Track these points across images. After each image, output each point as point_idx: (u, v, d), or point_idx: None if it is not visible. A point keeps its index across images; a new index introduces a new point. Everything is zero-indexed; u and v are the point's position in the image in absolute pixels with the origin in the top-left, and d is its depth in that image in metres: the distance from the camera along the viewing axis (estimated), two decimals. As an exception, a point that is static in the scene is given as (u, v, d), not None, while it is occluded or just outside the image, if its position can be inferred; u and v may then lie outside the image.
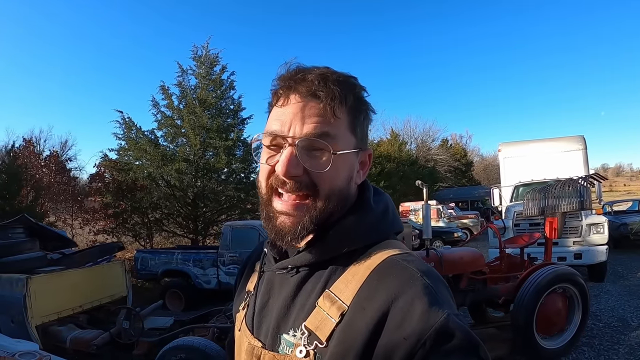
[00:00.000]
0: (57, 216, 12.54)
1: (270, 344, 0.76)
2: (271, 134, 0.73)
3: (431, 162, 38.77)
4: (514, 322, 4.55)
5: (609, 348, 4.90)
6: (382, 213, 0.80)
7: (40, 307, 4.35)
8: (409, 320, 0.61)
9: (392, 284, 0.66)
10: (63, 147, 30.75)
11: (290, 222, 0.72)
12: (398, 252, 0.72)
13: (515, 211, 8.14)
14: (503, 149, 11.54)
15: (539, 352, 4.57)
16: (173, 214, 12.84)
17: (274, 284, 0.82)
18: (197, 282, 7.96)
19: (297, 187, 0.71)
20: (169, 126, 12.95)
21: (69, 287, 4.78)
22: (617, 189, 57.98)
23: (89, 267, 5.31)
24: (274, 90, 0.77)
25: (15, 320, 4.22)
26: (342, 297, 0.69)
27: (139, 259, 8.44)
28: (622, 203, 16.44)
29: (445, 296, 0.65)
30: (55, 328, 4.60)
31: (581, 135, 10.53)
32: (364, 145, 0.80)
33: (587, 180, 6.11)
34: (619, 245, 11.96)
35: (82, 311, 4.99)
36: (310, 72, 0.73)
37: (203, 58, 13.15)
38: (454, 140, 49.64)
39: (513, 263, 5.57)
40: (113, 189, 11.66)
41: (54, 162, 13.15)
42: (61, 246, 5.94)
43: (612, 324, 5.69)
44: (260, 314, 0.82)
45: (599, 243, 7.70)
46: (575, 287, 4.81)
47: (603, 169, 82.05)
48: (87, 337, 4.44)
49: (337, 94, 0.71)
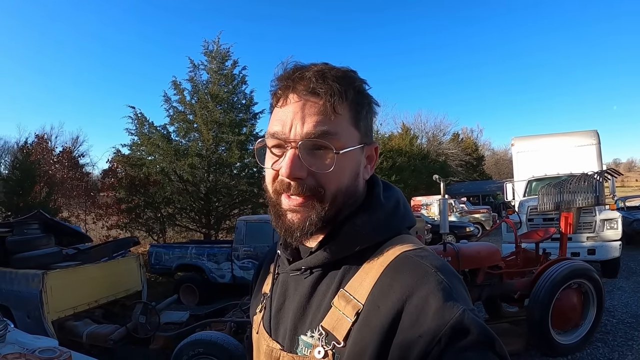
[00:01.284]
0: (70, 212, 12.68)
1: (288, 346, 0.76)
2: (273, 136, 0.72)
3: (442, 157, 38.58)
4: (530, 317, 4.54)
5: (622, 344, 4.87)
6: (393, 208, 0.79)
7: (57, 303, 4.39)
8: (424, 318, 0.60)
9: (406, 281, 0.65)
10: (74, 143, 30.95)
11: (298, 218, 0.72)
12: (411, 248, 0.72)
13: (529, 206, 8.09)
14: (516, 144, 11.45)
15: (554, 347, 4.56)
16: (186, 209, 12.92)
17: (289, 286, 0.82)
18: (212, 277, 8.02)
19: (302, 190, 0.70)
20: (181, 121, 13.00)
21: (84, 282, 4.83)
22: (629, 185, 57.12)
23: (104, 262, 5.35)
24: (273, 91, 0.76)
25: (31, 315, 4.27)
26: (357, 296, 0.69)
27: (153, 254, 8.53)
28: (635, 199, 16.19)
29: (460, 291, 0.65)
30: (71, 323, 4.65)
31: (594, 130, 10.41)
32: (369, 140, 0.78)
33: (602, 176, 6.04)
34: (632, 241, 11.83)
35: (98, 306, 5.03)
36: (308, 69, 0.72)
37: (214, 53, 13.15)
38: (465, 134, 49.23)
39: (528, 258, 5.54)
40: (126, 184, 11.77)
41: (67, 158, 13.27)
42: (76, 241, 6.00)
43: (626, 320, 5.65)
44: (277, 316, 0.82)
45: (613, 239, 7.64)
46: (590, 282, 4.78)
47: (615, 164, 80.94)
48: (104, 332, 4.49)
49: (337, 90, 0.69)
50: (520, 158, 11.24)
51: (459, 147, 40.93)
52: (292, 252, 0.82)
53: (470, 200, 26.85)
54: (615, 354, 4.62)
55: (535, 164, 10.52)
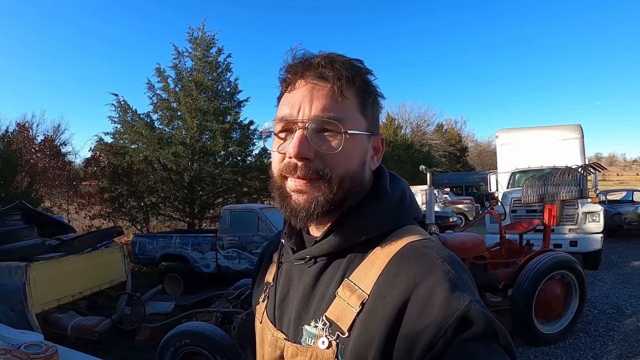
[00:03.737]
0: (52, 201, 12.44)
1: (292, 336, 0.76)
2: (281, 119, 0.72)
3: (426, 147, 38.85)
4: (514, 306, 4.62)
5: (604, 334, 4.99)
6: (399, 199, 0.79)
7: (40, 295, 4.30)
8: (430, 308, 0.60)
9: (413, 271, 0.65)
10: (56, 132, 30.16)
11: (304, 199, 0.71)
12: (418, 238, 0.72)
13: (513, 197, 8.19)
14: (500, 136, 11.55)
15: (537, 337, 4.67)
16: (169, 198, 12.79)
17: (293, 275, 0.82)
18: (196, 266, 7.98)
19: (308, 172, 0.69)
20: (165, 109, 12.80)
21: (68, 273, 4.74)
22: (610, 179, 58.44)
23: (88, 253, 5.26)
24: (282, 78, 0.76)
25: (15, 309, 4.17)
26: (362, 286, 0.68)
27: (137, 244, 8.44)
28: (616, 192, 16.61)
29: (466, 282, 0.64)
30: (55, 316, 4.57)
31: (578, 124, 10.55)
32: (375, 130, 0.79)
33: (586, 170, 6.14)
34: (613, 234, 12.17)
35: (82, 297, 4.95)
36: (317, 56, 0.73)
37: (199, 40, 12.95)
38: (449, 125, 49.67)
39: (513, 249, 5.63)
40: (109, 173, 11.57)
41: (49, 147, 12.97)
42: (59, 232, 5.87)
43: (607, 311, 5.79)
44: (281, 305, 0.82)
45: (595, 231, 7.79)
46: (573, 273, 4.88)
47: (597, 158, 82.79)
48: (89, 324, 4.42)
49: (345, 75, 0.70)
50: (504, 150, 11.35)
51: (443, 138, 41.27)
52: (297, 241, 0.82)
53: (454, 191, 27.12)
54: (596, 343, 4.73)
55: (519, 156, 10.64)
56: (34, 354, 2.16)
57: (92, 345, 4.57)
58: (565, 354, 4.52)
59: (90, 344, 4.51)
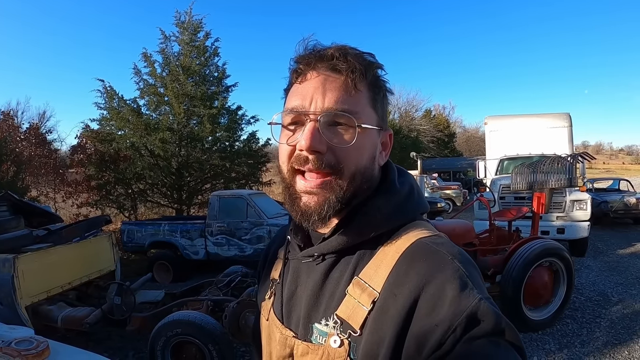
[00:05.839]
0: (39, 190, 12.22)
1: (302, 334, 0.75)
2: (292, 110, 0.71)
3: (414, 132, 38.97)
4: (503, 293, 4.69)
5: (591, 321, 5.10)
6: (407, 194, 0.78)
7: (29, 287, 4.24)
8: (440, 307, 0.60)
9: (423, 269, 0.65)
10: (41, 119, 29.79)
11: (315, 202, 0.70)
12: (427, 234, 0.71)
13: (502, 184, 8.26)
14: (489, 122, 11.59)
15: (525, 323, 4.74)
16: (157, 184, 12.65)
17: (301, 272, 0.81)
18: (185, 253, 7.95)
19: (320, 165, 0.68)
20: (152, 94, 12.57)
21: (57, 264, 4.68)
22: (597, 167, 59.19)
23: (76, 243, 5.19)
24: (292, 69, 0.75)
25: (3, 302, 4.10)
26: (372, 284, 0.68)
27: (125, 231, 8.37)
28: (603, 181, 16.84)
29: (476, 279, 0.65)
30: (45, 307, 4.51)
31: (567, 113, 10.62)
32: (384, 125, 0.77)
33: (576, 159, 6.19)
34: (600, 222, 12.38)
35: (71, 288, 4.90)
36: (329, 48, 0.72)
37: (186, 24, 12.70)
38: (437, 111, 49.76)
39: (502, 236, 5.70)
40: (96, 160, 11.37)
41: (34, 135, 12.68)
42: (46, 222, 5.77)
43: (594, 298, 5.90)
44: (289, 303, 0.81)
45: (582, 219, 7.91)
46: (561, 261, 4.95)
47: (584, 147, 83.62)
48: (79, 315, 4.37)
49: (358, 67, 0.69)
50: (492, 137, 11.40)
51: (431, 124, 41.42)
52: (303, 237, 0.81)
53: (441, 176, 27.28)
54: (584, 330, 4.83)
55: (508, 143, 10.69)
56: (25, 350, 2.14)
57: (84, 337, 4.54)
58: (553, 340, 4.61)
59: (81, 335, 4.48)
